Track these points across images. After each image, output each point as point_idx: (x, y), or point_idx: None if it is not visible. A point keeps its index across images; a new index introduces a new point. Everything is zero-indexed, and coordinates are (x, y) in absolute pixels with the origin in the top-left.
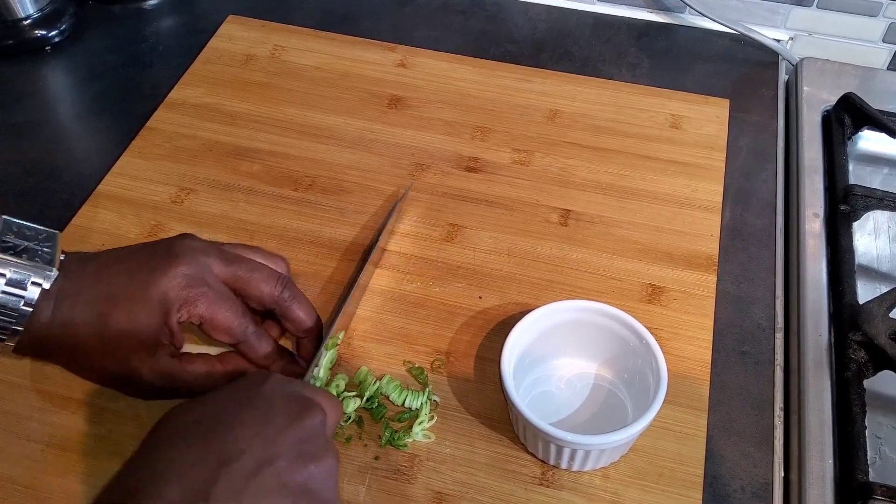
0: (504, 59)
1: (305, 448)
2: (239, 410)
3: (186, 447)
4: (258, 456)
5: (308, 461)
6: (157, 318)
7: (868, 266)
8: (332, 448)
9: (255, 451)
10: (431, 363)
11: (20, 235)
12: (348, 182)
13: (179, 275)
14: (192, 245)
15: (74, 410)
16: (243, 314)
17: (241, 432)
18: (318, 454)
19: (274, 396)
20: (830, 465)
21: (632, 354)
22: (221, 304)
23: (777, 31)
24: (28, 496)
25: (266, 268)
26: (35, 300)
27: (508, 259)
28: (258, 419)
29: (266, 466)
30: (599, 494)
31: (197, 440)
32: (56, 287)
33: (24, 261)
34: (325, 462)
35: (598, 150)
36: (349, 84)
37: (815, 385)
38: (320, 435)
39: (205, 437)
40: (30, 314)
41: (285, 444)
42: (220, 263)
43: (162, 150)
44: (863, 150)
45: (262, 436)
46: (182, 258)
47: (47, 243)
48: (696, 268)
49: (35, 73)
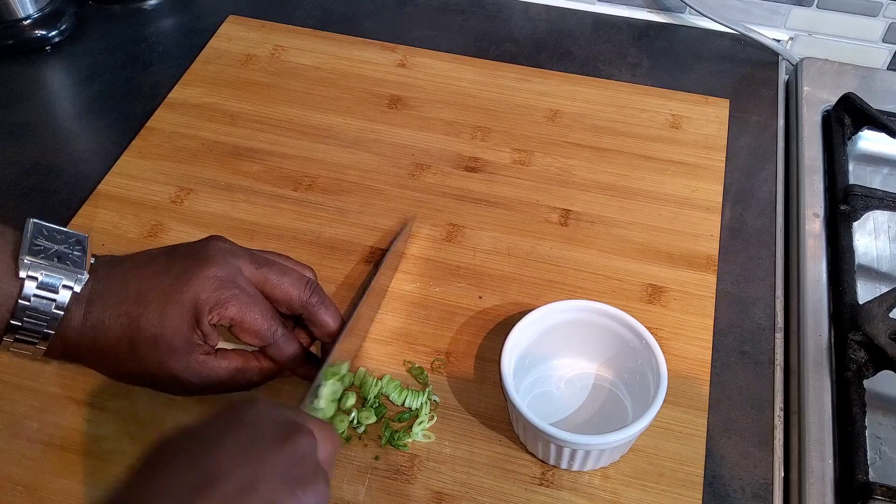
0: (504, 59)
1: (292, 473)
2: (222, 435)
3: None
4: (240, 480)
5: (295, 486)
6: (188, 320)
7: (868, 266)
8: (321, 474)
9: (237, 475)
10: (431, 363)
11: (50, 239)
12: (348, 182)
13: (211, 277)
14: (223, 247)
15: (74, 410)
16: (273, 317)
17: (224, 457)
18: (305, 480)
19: (259, 421)
20: (830, 465)
21: (632, 354)
22: (252, 306)
23: (777, 31)
24: (28, 496)
25: (295, 272)
26: (66, 303)
27: (508, 259)
28: (240, 444)
29: (249, 492)
30: (599, 494)
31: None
32: (87, 290)
33: (55, 264)
34: (314, 487)
35: (598, 150)
36: (349, 84)
37: (815, 385)
38: (308, 460)
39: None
40: (61, 318)
41: (270, 468)
42: (251, 266)
43: (162, 150)
44: (863, 150)
45: (245, 459)
46: (213, 260)
47: (78, 247)
48: (696, 268)
49: (35, 73)
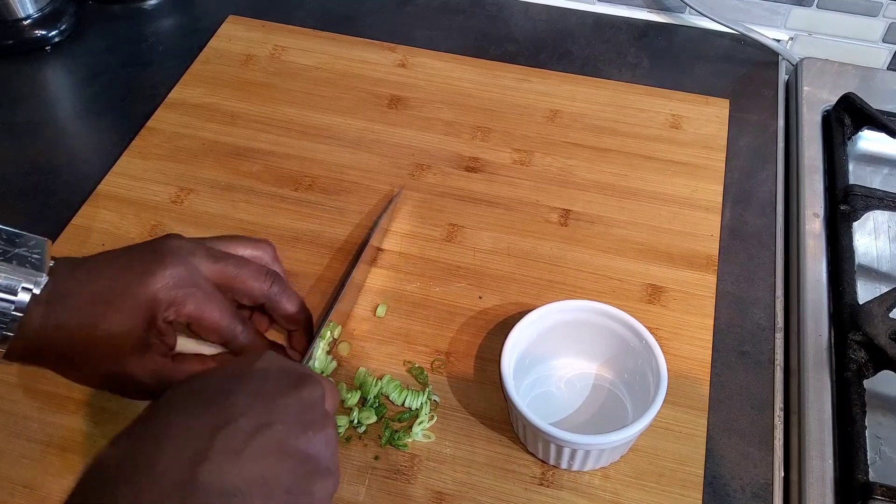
0: (504, 59)
1: (304, 416)
2: (236, 381)
3: (183, 416)
4: (256, 419)
5: (307, 428)
6: (144, 318)
7: (868, 266)
8: (331, 419)
9: (253, 414)
10: (431, 363)
11: (9, 242)
12: (348, 182)
13: (167, 276)
14: (179, 245)
15: (74, 410)
16: (231, 313)
17: (239, 398)
18: (316, 422)
19: (270, 369)
20: (830, 465)
21: (632, 354)
22: (209, 303)
23: (777, 31)
24: (28, 496)
25: (253, 264)
26: (25, 305)
27: (508, 259)
28: (254, 388)
29: (264, 429)
30: (599, 494)
31: (191, 409)
32: (46, 292)
33: (14, 267)
34: (325, 431)
35: (598, 150)
36: (349, 84)
37: (815, 385)
38: (318, 406)
39: (199, 406)
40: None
41: (284, 409)
42: (208, 262)
43: (162, 150)
44: (863, 150)
45: (260, 401)
46: (169, 259)
47: (36, 249)
48: (696, 268)
49: (35, 73)
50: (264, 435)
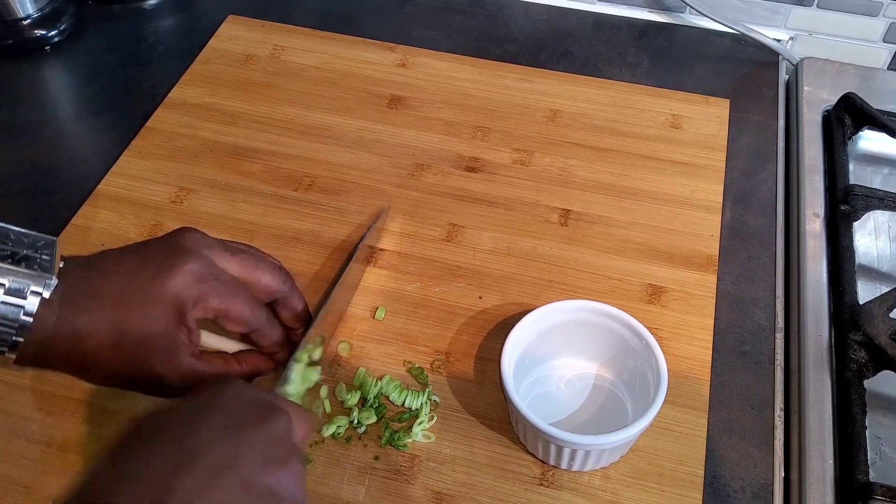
0: (504, 58)
1: (270, 452)
2: (200, 415)
3: (146, 452)
4: (220, 458)
5: (272, 465)
6: (173, 318)
7: (868, 266)
8: (297, 453)
9: (217, 452)
10: (431, 363)
11: (17, 243)
12: (348, 182)
13: (188, 272)
14: (196, 238)
15: (74, 410)
16: (257, 304)
17: (203, 435)
18: (283, 458)
19: (235, 401)
20: (831, 465)
21: (632, 354)
22: (234, 295)
23: (777, 31)
24: (28, 496)
25: (267, 258)
26: (35, 310)
27: (508, 259)
28: (220, 423)
29: (228, 469)
30: (599, 494)
31: (155, 446)
32: (58, 295)
33: (22, 269)
34: (291, 465)
35: (598, 150)
36: (349, 84)
37: (816, 385)
38: (285, 440)
39: (162, 443)
40: (31, 324)
41: (248, 446)
42: (226, 255)
43: (162, 150)
44: (863, 150)
45: (224, 438)
46: (188, 254)
47: (46, 251)
48: (696, 268)
49: (35, 73)
50: (228, 475)
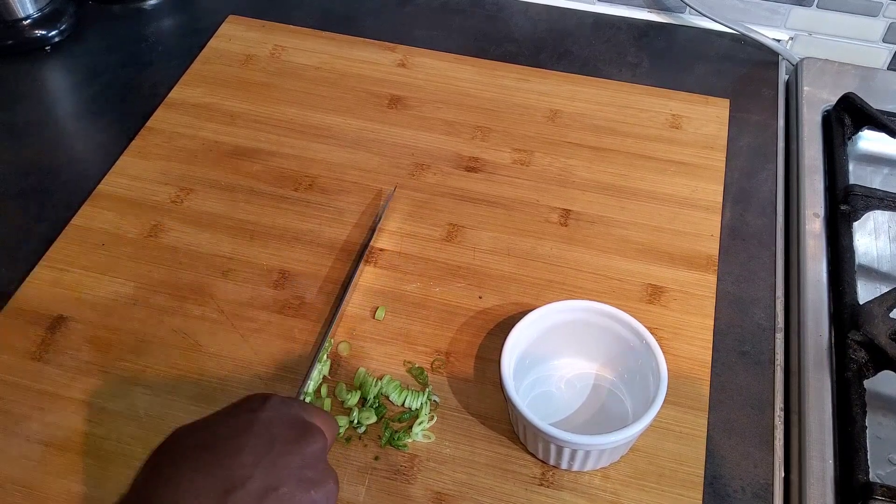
0: (504, 59)
1: (307, 474)
2: (241, 436)
3: (192, 474)
4: (263, 482)
5: (310, 486)
6: None
7: (868, 266)
8: (331, 473)
9: (260, 477)
10: (431, 363)
11: None
12: (348, 182)
13: None
14: None
15: (74, 410)
16: None
17: (246, 459)
18: (319, 480)
19: (273, 422)
20: (831, 465)
21: (632, 354)
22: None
23: (777, 31)
24: (28, 496)
25: None
26: None
27: (508, 259)
28: (261, 446)
29: (271, 493)
30: (599, 494)
31: (202, 467)
32: None
33: None
34: (326, 487)
35: (598, 150)
36: (349, 84)
37: (816, 385)
38: (321, 460)
39: (209, 464)
40: None
41: (288, 470)
42: None
43: (162, 150)
44: (863, 150)
45: (266, 462)
46: None
47: None
48: (696, 268)
49: (35, 73)
50: (271, 499)
